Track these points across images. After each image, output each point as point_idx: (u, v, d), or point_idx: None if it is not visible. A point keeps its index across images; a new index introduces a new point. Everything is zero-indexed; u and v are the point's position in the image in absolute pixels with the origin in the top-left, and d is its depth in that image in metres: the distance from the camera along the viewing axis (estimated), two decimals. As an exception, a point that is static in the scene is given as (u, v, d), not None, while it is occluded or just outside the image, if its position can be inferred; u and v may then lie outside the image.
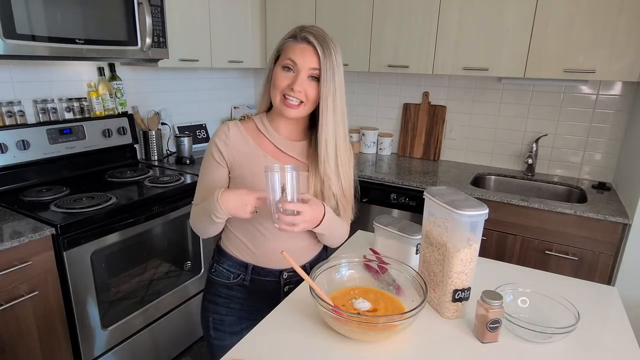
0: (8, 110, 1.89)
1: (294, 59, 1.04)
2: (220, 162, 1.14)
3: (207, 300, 1.28)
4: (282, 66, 1.06)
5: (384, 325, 0.90)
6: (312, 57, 1.04)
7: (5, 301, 1.44)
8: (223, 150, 1.13)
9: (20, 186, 1.91)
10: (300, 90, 1.05)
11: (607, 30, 1.94)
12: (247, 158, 1.13)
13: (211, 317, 1.26)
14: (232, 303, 1.24)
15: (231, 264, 1.22)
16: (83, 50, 1.76)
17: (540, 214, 1.98)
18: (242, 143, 1.14)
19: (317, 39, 1.04)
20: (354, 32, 2.56)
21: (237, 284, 1.23)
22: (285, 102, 1.06)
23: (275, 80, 1.07)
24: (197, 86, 2.88)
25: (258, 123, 1.17)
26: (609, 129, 2.33)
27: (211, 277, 1.26)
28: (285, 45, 1.07)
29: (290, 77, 1.05)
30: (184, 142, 2.54)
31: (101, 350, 1.79)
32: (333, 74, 1.05)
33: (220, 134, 1.14)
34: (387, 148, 2.93)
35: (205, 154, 1.18)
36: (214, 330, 1.26)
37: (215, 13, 2.49)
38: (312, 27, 1.07)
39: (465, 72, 2.31)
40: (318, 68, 1.04)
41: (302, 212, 1.00)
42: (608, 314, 1.10)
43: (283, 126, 1.16)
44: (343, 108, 1.10)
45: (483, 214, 0.96)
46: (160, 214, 1.95)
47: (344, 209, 1.20)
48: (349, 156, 1.18)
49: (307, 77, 1.05)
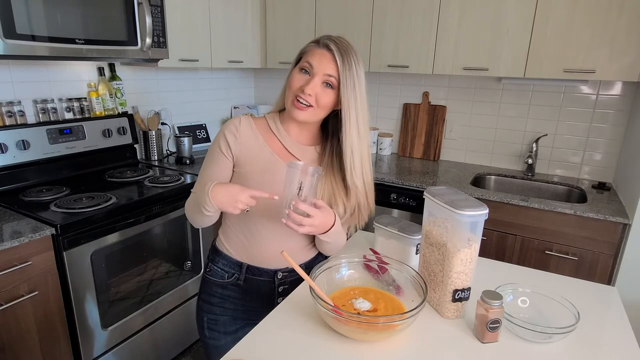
0: (8, 110, 1.89)
1: (311, 62, 1.05)
2: (226, 154, 1.13)
3: (201, 299, 1.28)
4: (300, 68, 1.07)
5: (384, 325, 0.89)
6: (329, 63, 1.04)
7: (5, 301, 1.44)
8: (231, 143, 1.12)
9: (20, 186, 1.91)
10: (311, 94, 1.05)
11: (607, 30, 1.94)
12: (254, 154, 1.13)
13: (205, 317, 1.26)
14: (227, 303, 1.24)
15: (226, 263, 1.22)
16: (83, 50, 1.76)
17: (540, 214, 1.98)
18: (252, 138, 1.13)
19: (338, 47, 1.05)
20: (354, 32, 2.56)
21: (232, 284, 1.23)
22: (296, 103, 1.06)
23: (291, 81, 1.08)
24: (197, 86, 2.88)
25: (270, 122, 1.17)
26: (609, 129, 2.33)
27: (206, 276, 1.26)
28: (307, 49, 1.08)
29: (305, 79, 1.06)
30: (184, 142, 2.54)
31: (101, 350, 1.79)
32: (354, 85, 1.05)
33: (230, 127, 1.13)
34: (387, 148, 2.93)
35: (212, 143, 1.17)
36: (209, 330, 1.26)
37: (215, 13, 2.49)
38: (338, 37, 1.08)
39: (465, 72, 2.31)
40: (334, 76, 1.04)
41: (313, 216, 1.00)
42: (608, 314, 1.10)
43: (294, 128, 1.16)
44: (367, 121, 1.10)
45: (483, 214, 0.96)
46: (160, 214, 1.95)
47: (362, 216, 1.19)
48: (368, 169, 1.17)
49: (322, 82, 1.05)
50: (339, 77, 1.05)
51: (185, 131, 2.76)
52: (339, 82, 1.05)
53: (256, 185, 1.09)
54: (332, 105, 1.08)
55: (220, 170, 1.14)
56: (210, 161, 1.15)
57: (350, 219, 1.19)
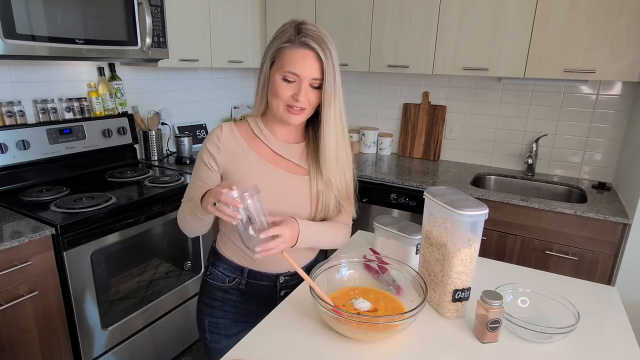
0: (8, 110, 1.89)
1: (295, 71, 1.00)
2: (212, 167, 1.11)
3: (202, 302, 1.26)
4: (282, 77, 1.02)
5: (384, 325, 0.89)
6: (313, 65, 1.00)
7: (5, 301, 1.44)
8: (215, 155, 1.10)
9: (20, 186, 1.91)
10: (304, 100, 1.03)
11: (607, 30, 1.94)
12: (241, 162, 1.10)
13: (206, 320, 1.24)
14: (227, 306, 1.23)
15: (227, 267, 1.20)
16: (83, 50, 1.76)
17: (540, 214, 1.98)
18: (236, 146, 1.11)
19: (317, 43, 0.99)
20: (354, 32, 2.56)
21: (233, 288, 1.21)
22: (290, 110, 1.04)
23: (278, 90, 1.03)
24: (197, 86, 2.88)
25: (253, 126, 1.14)
26: (609, 129, 2.33)
27: (206, 279, 1.24)
28: (283, 52, 1.01)
29: (293, 87, 1.02)
30: (184, 142, 2.55)
31: (101, 350, 1.79)
32: (334, 77, 1.02)
33: (212, 138, 1.11)
34: (387, 148, 2.93)
35: (198, 155, 1.15)
36: (210, 333, 1.24)
37: (215, 13, 2.49)
38: (308, 28, 1.01)
39: (465, 72, 2.31)
40: (320, 78, 1.01)
41: (280, 235, 0.98)
42: (608, 314, 1.10)
43: (280, 130, 1.13)
44: (342, 108, 1.08)
45: (483, 214, 0.96)
46: (160, 214, 1.95)
47: (345, 209, 1.19)
48: (349, 156, 1.16)
49: (309, 85, 1.03)
50: (323, 77, 1.01)
51: (185, 131, 2.76)
52: (323, 80, 1.02)
53: None
54: (319, 101, 1.06)
55: (207, 184, 1.11)
56: (198, 174, 1.13)
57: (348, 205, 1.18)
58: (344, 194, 1.16)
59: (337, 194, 1.14)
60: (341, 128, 1.10)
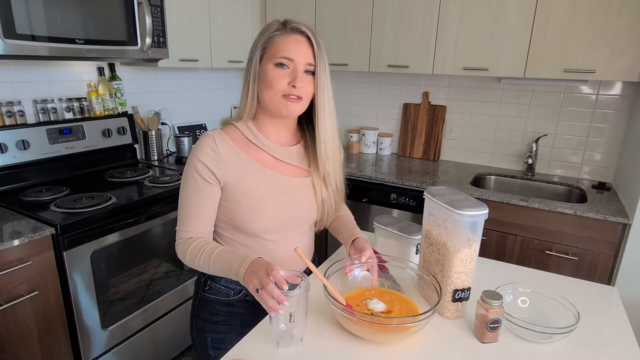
0: (8, 110, 1.89)
1: (289, 55, 0.96)
2: (212, 182, 1.01)
3: (202, 319, 1.15)
4: (275, 63, 0.97)
5: (396, 327, 0.89)
6: (307, 50, 0.98)
7: (5, 301, 1.44)
8: (214, 169, 1.00)
9: (20, 186, 1.91)
10: (302, 86, 0.98)
11: (607, 30, 1.94)
12: (242, 173, 1.02)
13: (209, 337, 1.14)
14: (233, 320, 1.14)
15: (230, 280, 1.10)
16: (83, 50, 1.75)
17: (540, 214, 1.98)
18: (234, 157, 1.02)
19: (308, 29, 0.99)
20: (354, 32, 2.56)
21: (239, 300, 1.12)
22: (288, 98, 0.98)
23: (272, 81, 0.98)
24: (197, 86, 2.88)
25: (245, 131, 1.05)
26: (609, 129, 2.33)
27: (206, 295, 1.13)
28: (274, 40, 0.98)
29: (288, 74, 0.98)
30: (184, 142, 2.55)
31: (101, 350, 1.79)
32: (325, 64, 1.00)
33: (206, 150, 1.00)
34: (387, 148, 2.93)
35: (186, 173, 1.02)
36: (214, 350, 1.14)
37: (215, 13, 2.49)
38: (295, 21, 1.00)
39: (465, 72, 2.31)
40: (313, 64, 0.99)
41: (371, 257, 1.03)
42: (608, 314, 1.10)
43: (273, 131, 1.07)
44: (332, 101, 1.05)
45: (483, 214, 0.96)
46: (160, 214, 1.95)
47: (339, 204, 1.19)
48: (340, 149, 1.13)
49: (303, 72, 0.99)
50: (316, 62, 0.99)
51: (185, 131, 2.76)
52: (316, 67, 0.99)
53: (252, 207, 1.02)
54: (313, 90, 1.01)
55: (210, 202, 1.02)
56: (195, 195, 1.01)
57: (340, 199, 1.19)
58: (340, 186, 1.15)
59: (334, 188, 1.13)
60: (333, 118, 1.07)
